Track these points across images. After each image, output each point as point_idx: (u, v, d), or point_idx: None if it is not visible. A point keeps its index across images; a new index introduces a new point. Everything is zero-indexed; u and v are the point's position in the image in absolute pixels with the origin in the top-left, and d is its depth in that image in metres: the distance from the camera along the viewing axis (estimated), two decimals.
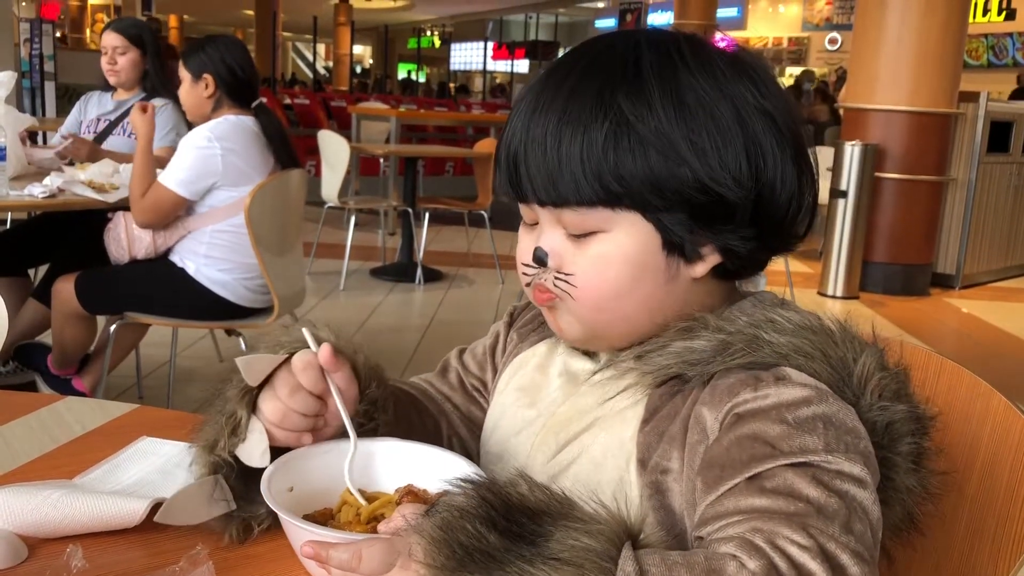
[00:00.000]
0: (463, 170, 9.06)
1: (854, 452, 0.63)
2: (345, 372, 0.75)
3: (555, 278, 0.73)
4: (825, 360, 0.68)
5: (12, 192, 2.57)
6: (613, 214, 0.70)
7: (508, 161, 0.73)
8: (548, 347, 0.84)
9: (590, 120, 0.68)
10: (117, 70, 3.10)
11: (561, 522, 0.56)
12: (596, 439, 0.75)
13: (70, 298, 2.56)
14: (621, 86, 0.69)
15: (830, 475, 0.62)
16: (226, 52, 2.61)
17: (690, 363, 0.70)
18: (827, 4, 17.73)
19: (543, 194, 0.71)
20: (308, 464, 0.74)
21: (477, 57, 24.53)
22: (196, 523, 0.74)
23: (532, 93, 0.73)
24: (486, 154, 5.51)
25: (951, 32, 5.60)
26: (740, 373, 0.69)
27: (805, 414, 0.65)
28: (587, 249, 0.72)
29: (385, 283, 5.32)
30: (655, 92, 0.68)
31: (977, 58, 14.55)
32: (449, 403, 0.91)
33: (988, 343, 4.91)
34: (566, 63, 0.73)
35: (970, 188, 6.08)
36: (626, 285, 0.72)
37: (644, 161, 0.68)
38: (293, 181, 2.68)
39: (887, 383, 0.69)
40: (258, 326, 2.68)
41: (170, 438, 0.95)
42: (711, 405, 0.69)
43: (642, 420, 0.73)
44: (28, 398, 1.11)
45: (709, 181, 0.69)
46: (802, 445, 0.63)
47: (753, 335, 0.69)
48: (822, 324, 0.70)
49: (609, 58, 0.71)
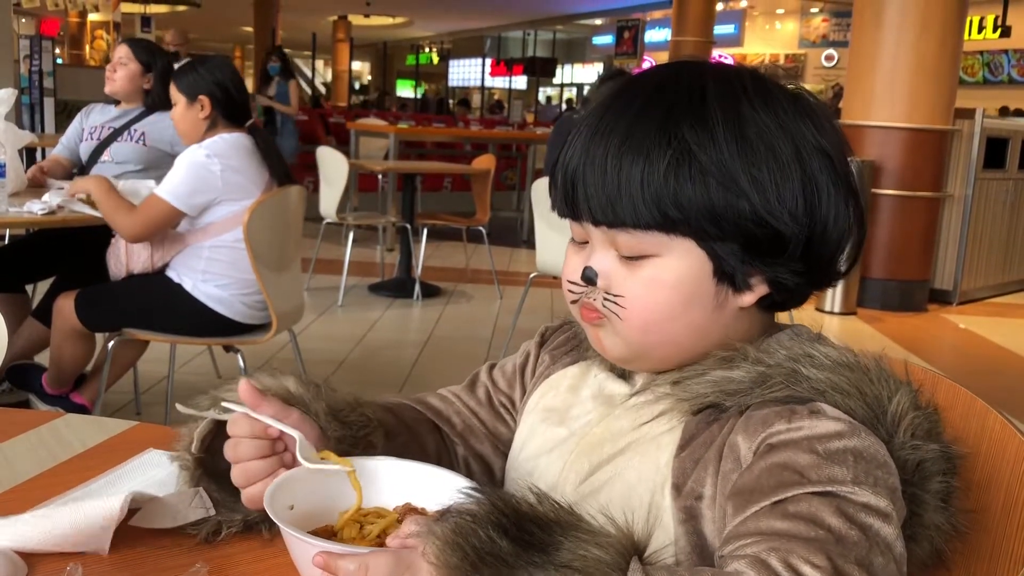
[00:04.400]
0: (461, 186, 9.08)
1: (882, 487, 0.64)
2: (290, 415, 0.76)
3: (604, 298, 0.74)
4: (861, 397, 0.69)
5: (11, 209, 2.58)
6: (668, 239, 0.71)
7: (565, 180, 0.74)
8: (581, 369, 0.85)
9: (653, 146, 0.70)
10: (114, 79, 3.15)
11: (571, 533, 0.58)
12: (630, 462, 0.75)
13: (71, 315, 2.56)
14: (686, 116, 0.70)
15: (855, 507, 0.62)
16: (219, 72, 2.63)
17: (727, 393, 0.71)
18: (823, 21, 17.83)
19: (599, 214, 0.72)
20: (307, 483, 0.74)
21: (475, 73, 24.62)
22: (172, 525, 0.77)
23: (594, 116, 0.74)
24: (484, 170, 5.53)
25: (947, 49, 5.64)
26: (776, 405, 0.70)
27: (836, 446, 0.66)
28: (639, 272, 0.73)
29: (383, 299, 5.32)
30: (719, 124, 0.70)
31: (973, 75, 14.62)
32: (476, 418, 0.91)
33: (985, 359, 4.91)
34: (631, 89, 0.74)
35: (967, 204, 6.10)
36: (675, 310, 0.73)
37: (704, 190, 0.69)
38: (292, 197, 2.68)
39: (920, 422, 0.70)
40: (257, 342, 2.68)
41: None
42: (746, 435, 0.70)
43: (678, 446, 0.73)
44: (28, 415, 1.11)
45: (766, 215, 0.70)
46: (830, 475, 0.64)
47: (792, 369, 0.71)
48: (858, 361, 0.72)
49: (675, 87, 0.72)
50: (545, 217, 3.91)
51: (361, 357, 4.13)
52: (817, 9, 17.72)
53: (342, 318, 4.87)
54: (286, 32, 20.15)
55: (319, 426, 0.77)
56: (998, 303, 6.45)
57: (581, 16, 20.37)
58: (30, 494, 0.86)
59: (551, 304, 5.29)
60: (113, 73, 3.14)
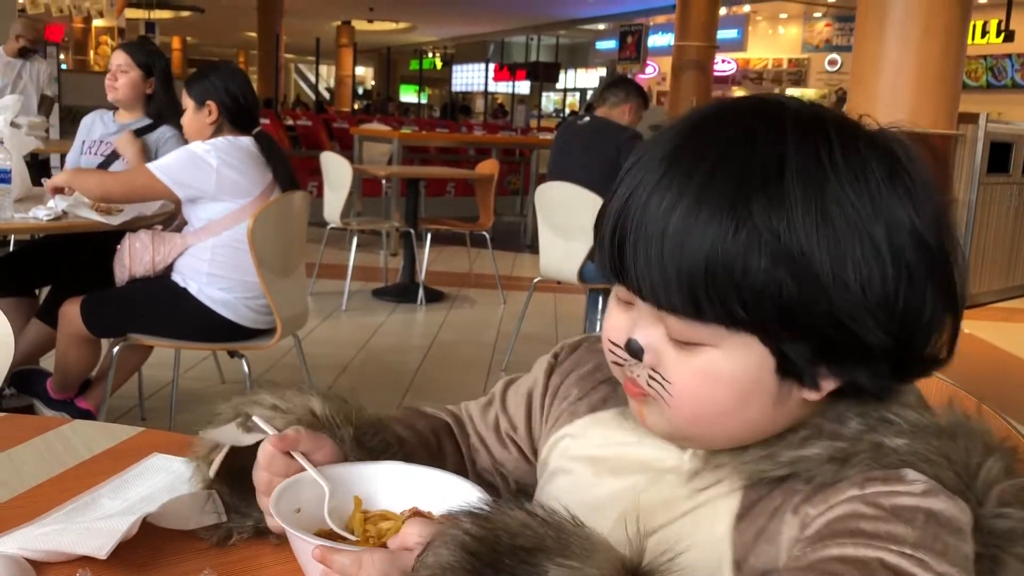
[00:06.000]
0: (464, 191, 9.09)
1: (956, 555, 0.57)
2: (322, 446, 0.75)
3: (650, 377, 0.65)
4: (950, 466, 0.62)
5: (17, 214, 2.59)
6: (727, 333, 0.62)
7: (614, 238, 0.63)
8: (615, 416, 0.77)
9: (719, 230, 0.59)
10: (116, 87, 3.11)
11: (556, 559, 0.55)
12: (684, 534, 0.67)
13: (76, 320, 2.57)
14: (758, 192, 0.59)
15: (912, 561, 0.56)
16: (229, 80, 2.66)
17: (799, 470, 0.64)
18: (827, 26, 17.84)
19: (650, 293, 0.62)
20: (314, 488, 0.74)
21: (478, 78, 24.65)
22: (186, 529, 0.78)
23: (655, 169, 0.62)
24: (487, 175, 5.53)
25: (950, 53, 5.64)
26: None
27: (906, 503, 0.59)
28: (691, 359, 0.63)
29: (387, 304, 5.33)
30: (798, 205, 0.59)
31: (976, 79, 14.62)
32: (483, 444, 0.88)
33: (990, 363, 4.90)
34: (700, 143, 0.62)
35: (971, 209, 6.09)
36: (730, 406, 0.64)
37: (775, 287, 0.59)
38: (296, 203, 2.69)
39: (1011, 489, 0.63)
40: (261, 347, 2.69)
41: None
42: (816, 502, 0.63)
43: (736, 515, 0.66)
44: (35, 421, 1.11)
45: (847, 319, 0.60)
46: (889, 532, 0.57)
47: (875, 443, 0.63)
48: (943, 424, 0.64)
49: (748, 152, 0.60)
50: (548, 222, 3.91)
51: (365, 362, 4.13)
52: (820, 14, 17.73)
53: (346, 323, 4.88)
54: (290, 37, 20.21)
55: (343, 452, 0.76)
56: (1003, 308, 6.44)
57: (584, 21, 20.40)
58: (37, 500, 0.86)
59: (554, 309, 5.29)
60: (115, 82, 3.11)
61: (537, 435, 0.85)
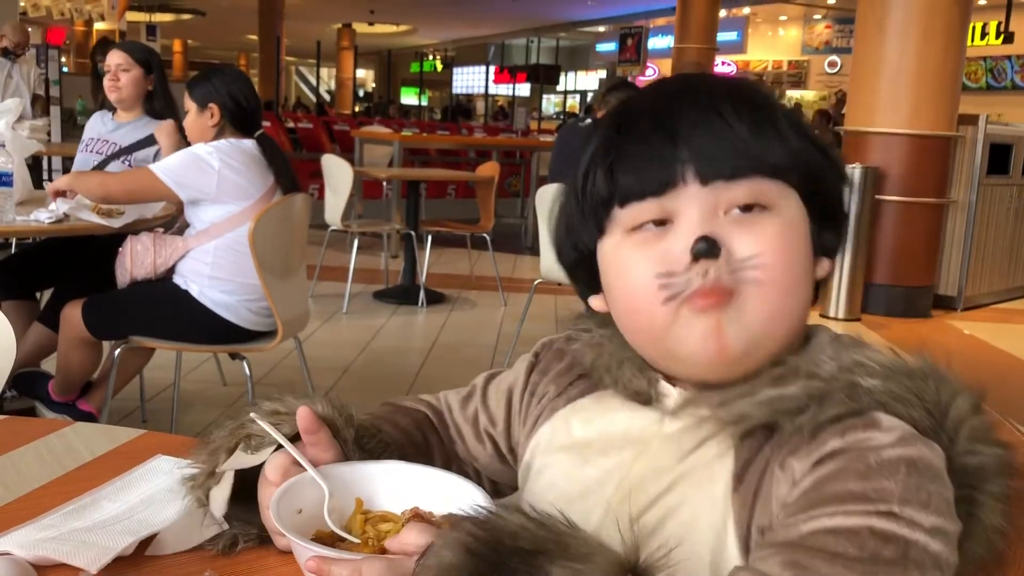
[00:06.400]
0: (465, 193, 9.10)
1: (935, 503, 0.61)
2: (330, 447, 0.76)
3: (735, 268, 0.67)
4: (921, 405, 0.66)
5: (18, 217, 2.59)
6: (784, 190, 0.70)
7: (654, 144, 0.69)
8: (595, 401, 0.79)
9: (757, 105, 0.70)
10: (120, 86, 3.11)
11: (558, 561, 0.56)
12: (684, 499, 0.69)
13: (78, 323, 2.58)
14: (757, 94, 0.73)
15: (900, 523, 0.59)
16: (232, 83, 2.67)
17: (780, 412, 0.67)
18: (826, 28, 17.84)
19: (724, 166, 0.68)
20: (317, 488, 0.74)
21: (479, 81, 24.66)
22: (188, 548, 0.77)
23: (658, 92, 0.73)
24: (488, 177, 5.54)
25: (950, 55, 5.64)
26: (831, 422, 0.66)
27: (889, 456, 0.62)
28: (765, 224, 0.68)
29: (388, 306, 5.33)
30: (777, 102, 0.73)
31: (976, 81, 14.62)
32: (460, 438, 0.89)
33: (990, 365, 4.90)
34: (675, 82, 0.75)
35: (970, 210, 6.09)
36: (804, 265, 0.70)
37: (801, 145, 0.70)
38: (297, 205, 2.70)
39: (980, 426, 0.67)
40: (262, 349, 2.69)
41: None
42: (800, 455, 0.66)
43: (734, 476, 0.68)
44: (37, 424, 1.11)
45: (839, 177, 0.74)
46: (877, 488, 0.60)
47: (850, 382, 0.66)
48: (914, 366, 0.68)
49: (722, 80, 0.75)
50: (549, 224, 3.91)
51: (366, 364, 4.13)
52: (820, 16, 17.74)
53: (347, 325, 4.88)
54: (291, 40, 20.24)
55: (346, 453, 0.77)
56: (1003, 309, 6.44)
57: (584, 24, 20.42)
58: (39, 502, 0.86)
59: (555, 310, 5.29)
60: (117, 82, 3.11)
61: (515, 433, 0.86)
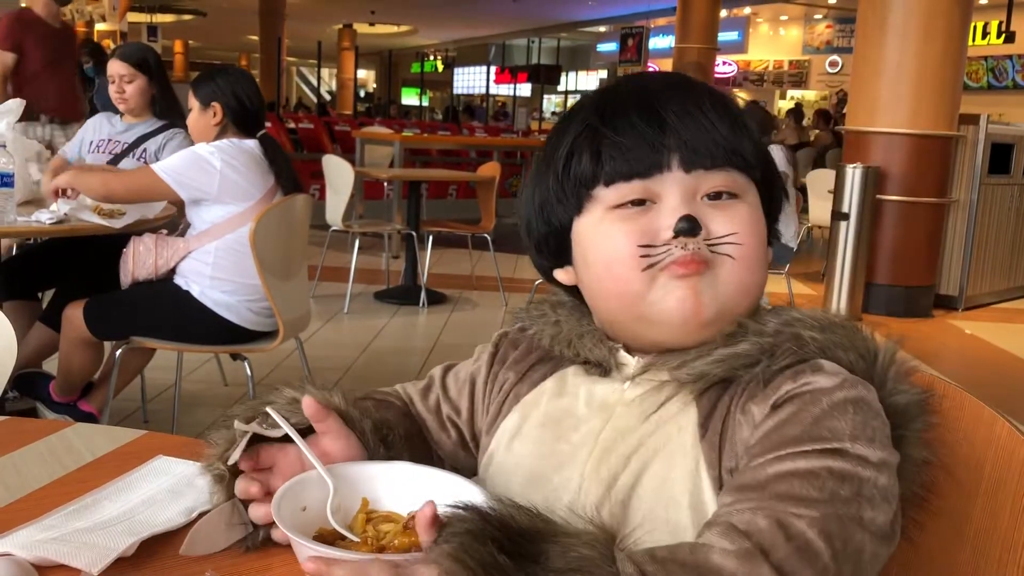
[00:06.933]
0: (466, 193, 9.09)
1: (881, 436, 0.69)
2: (344, 436, 0.77)
3: (712, 243, 0.75)
4: (855, 351, 0.75)
5: (20, 218, 2.59)
6: (747, 183, 0.78)
7: (643, 130, 0.75)
8: (556, 380, 0.84)
9: (726, 105, 0.78)
10: (126, 98, 3.13)
11: (552, 538, 0.59)
12: (655, 453, 0.75)
13: (79, 323, 2.58)
14: (718, 95, 0.80)
15: (852, 461, 0.66)
16: (235, 83, 2.68)
17: (736, 367, 0.74)
18: (827, 27, 17.83)
19: (706, 156, 0.75)
20: (322, 485, 0.74)
21: (480, 81, 24.66)
22: (218, 550, 0.75)
23: (639, 85, 0.80)
24: (489, 177, 5.54)
25: (951, 55, 5.64)
26: (782, 371, 0.73)
27: (837, 398, 0.70)
28: (736, 209, 0.76)
29: (389, 306, 5.33)
30: (731, 101, 0.81)
31: (977, 80, 14.61)
32: (425, 429, 0.91)
33: (991, 364, 4.90)
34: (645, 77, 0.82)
35: (971, 210, 6.09)
36: (765, 247, 0.79)
37: (757, 140, 0.79)
38: (298, 206, 2.70)
39: (903, 369, 0.76)
40: (263, 349, 2.69)
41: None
42: (758, 400, 0.72)
43: (699, 425, 0.74)
44: (37, 424, 1.11)
45: (768, 166, 0.81)
46: (830, 428, 0.68)
47: (794, 334, 0.74)
48: (842, 319, 0.78)
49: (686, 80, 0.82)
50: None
51: (367, 364, 4.13)
52: (821, 15, 17.73)
53: (348, 325, 4.88)
54: (291, 40, 20.24)
55: (364, 444, 0.78)
56: (1004, 308, 6.44)
57: (585, 24, 20.42)
58: (40, 503, 0.86)
59: None
60: (122, 93, 3.12)
61: (479, 422, 0.89)
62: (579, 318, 0.84)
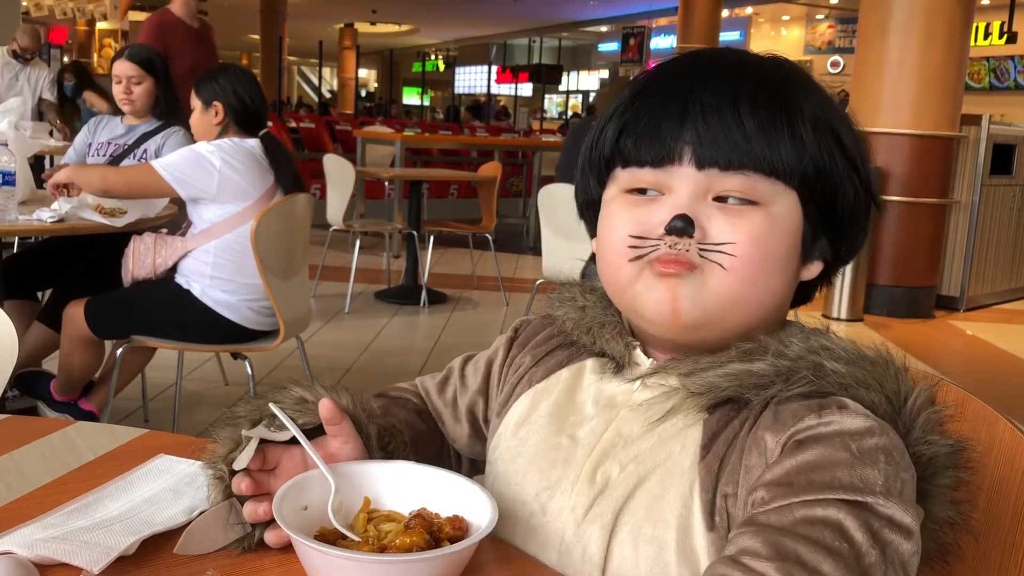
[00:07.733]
0: (467, 193, 9.09)
1: (908, 494, 0.64)
2: (352, 439, 0.76)
3: (704, 248, 0.70)
4: (882, 392, 0.68)
5: (21, 217, 2.59)
6: (781, 189, 0.71)
7: (658, 120, 0.72)
8: (573, 372, 0.83)
9: (771, 97, 0.72)
10: (133, 99, 3.11)
11: None
12: (653, 470, 0.72)
13: (80, 322, 2.58)
14: (784, 80, 0.74)
15: (880, 521, 0.62)
16: (237, 83, 2.68)
17: (747, 387, 0.70)
18: (829, 28, 17.83)
19: (720, 155, 0.70)
20: (323, 484, 0.74)
21: (481, 81, 24.66)
22: (214, 550, 0.75)
23: (669, 73, 0.75)
24: (490, 177, 5.54)
25: (953, 55, 5.63)
26: (798, 400, 0.69)
27: (868, 444, 0.65)
28: (748, 217, 0.70)
29: (390, 306, 5.33)
30: (813, 89, 0.76)
31: (979, 81, 14.60)
32: (441, 424, 0.92)
33: (993, 365, 4.89)
34: (701, 59, 0.75)
35: (973, 210, 6.09)
36: (781, 263, 0.72)
37: (815, 145, 0.71)
38: (299, 205, 2.70)
39: (934, 418, 0.69)
40: (264, 349, 2.69)
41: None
42: (773, 430, 0.68)
43: (701, 446, 0.71)
44: (39, 423, 1.11)
45: (860, 185, 0.74)
46: (863, 477, 0.63)
47: (816, 363, 0.69)
48: (876, 355, 0.71)
49: (752, 61, 0.76)
50: (551, 223, 3.91)
51: (368, 364, 4.13)
52: (823, 16, 17.72)
53: (349, 325, 4.88)
54: (293, 40, 20.25)
55: (368, 448, 0.78)
56: (1005, 309, 6.43)
57: (587, 23, 20.41)
58: (41, 502, 0.86)
59: None
60: (129, 95, 3.10)
61: (492, 403, 0.89)
62: (606, 306, 0.82)
